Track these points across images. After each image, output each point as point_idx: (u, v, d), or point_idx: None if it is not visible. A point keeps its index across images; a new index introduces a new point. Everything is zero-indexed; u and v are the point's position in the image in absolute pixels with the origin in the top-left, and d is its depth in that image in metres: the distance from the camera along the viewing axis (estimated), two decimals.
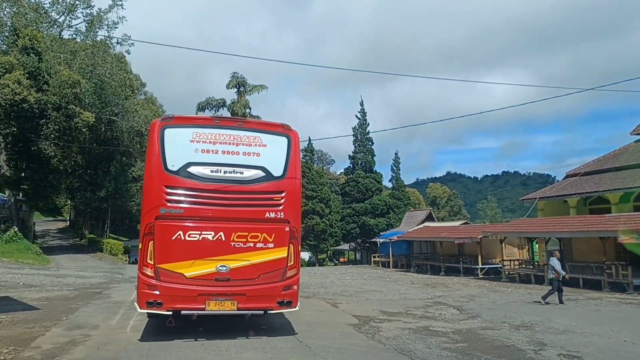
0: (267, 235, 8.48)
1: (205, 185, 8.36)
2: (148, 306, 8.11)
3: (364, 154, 45.53)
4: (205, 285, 8.20)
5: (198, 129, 8.62)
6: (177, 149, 8.41)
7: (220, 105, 50.69)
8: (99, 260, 35.23)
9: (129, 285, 18.89)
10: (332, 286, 20.17)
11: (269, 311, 8.66)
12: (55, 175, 36.81)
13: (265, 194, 8.66)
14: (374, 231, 43.78)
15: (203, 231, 8.29)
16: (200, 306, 8.19)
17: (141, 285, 8.21)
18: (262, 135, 8.87)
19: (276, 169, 8.75)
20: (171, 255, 8.16)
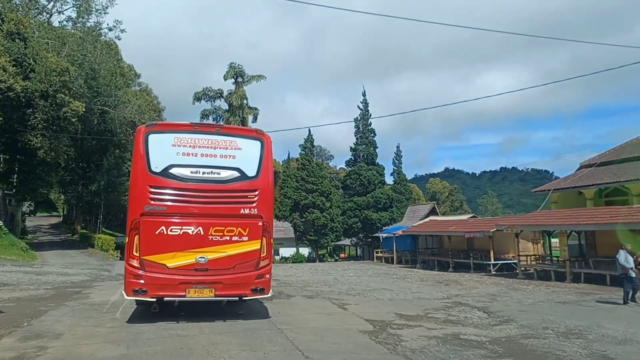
0: (242, 229, 9.31)
1: (186, 185, 9.21)
2: (134, 294, 9.01)
3: (366, 146, 43.79)
4: (185, 274, 9.03)
5: (179, 134, 9.46)
6: (160, 152, 9.24)
7: (217, 96, 49.04)
8: (89, 256, 33.53)
9: (114, 284, 17.22)
10: (336, 284, 18.51)
11: (243, 297, 9.56)
12: (43, 167, 35.06)
13: (240, 192, 9.50)
14: (377, 226, 42.12)
15: (184, 226, 9.12)
16: (181, 293, 9.04)
17: (128, 275, 9.08)
18: (238, 139, 9.73)
19: (250, 170, 9.59)
20: (155, 248, 8.97)
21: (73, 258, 31.94)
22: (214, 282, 9.16)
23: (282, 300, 13.28)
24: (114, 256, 33.99)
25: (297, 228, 45.78)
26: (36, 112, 32.29)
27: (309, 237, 44.63)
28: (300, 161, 48.00)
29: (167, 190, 9.18)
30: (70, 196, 47.79)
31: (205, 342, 7.63)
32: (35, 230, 52.55)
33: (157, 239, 9.00)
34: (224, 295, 9.35)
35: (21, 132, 32.59)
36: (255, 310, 11.21)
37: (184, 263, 9.06)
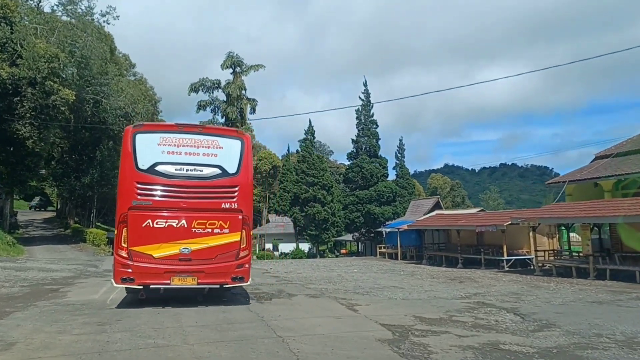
0: (222, 222, 9.91)
1: (171, 181, 9.79)
2: (122, 282, 9.60)
3: (368, 138, 42.18)
4: (170, 264, 9.64)
5: (164, 134, 10.04)
6: (146, 151, 9.80)
7: (214, 87, 47.45)
8: (79, 251, 32.04)
9: (98, 281, 15.74)
10: (341, 281, 17.01)
11: (224, 285, 10.16)
12: (32, 158, 33.51)
13: (221, 188, 10.11)
14: (380, 220, 40.60)
15: (168, 219, 9.70)
16: (166, 281, 9.67)
17: (117, 264, 9.62)
18: (219, 139, 10.32)
19: (231, 167, 10.17)
20: (141, 240, 9.55)
21: (62, 253, 30.46)
22: (197, 271, 9.80)
23: (283, 299, 11.79)
24: (105, 251, 32.50)
25: (297, 223, 44.23)
26: (24, 100, 30.83)
27: (310, 232, 43.12)
28: (300, 154, 46.38)
29: (153, 186, 9.80)
30: (63, 189, 46.29)
31: (188, 356, 6.14)
32: (27, 224, 51.08)
33: (143, 231, 9.60)
34: (206, 283, 9.99)
35: (8, 121, 31.07)
36: (251, 312, 9.72)
37: (169, 253, 9.69)
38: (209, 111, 47.40)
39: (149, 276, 9.65)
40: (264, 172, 77.15)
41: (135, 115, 39.03)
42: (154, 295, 10.41)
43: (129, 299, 11.19)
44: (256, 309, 10.18)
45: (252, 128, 46.53)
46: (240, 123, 46.02)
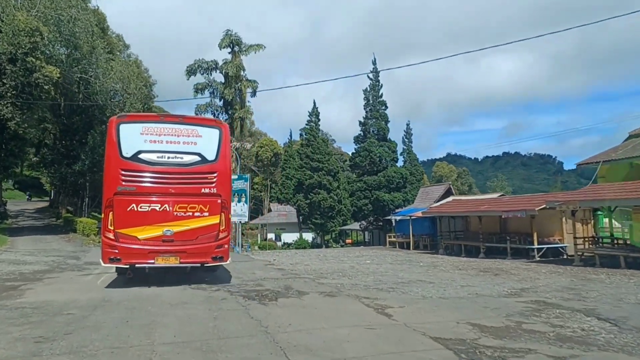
0: (202, 206, 10.59)
1: (153, 168, 10.42)
2: (110, 261, 10.29)
3: (377, 120, 39.52)
4: (154, 245, 10.31)
5: (147, 124, 10.76)
6: (130, 140, 10.40)
7: (211, 68, 44.65)
8: (67, 241, 29.66)
9: (72, 276, 13.38)
10: (356, 274, 14.61)
11: (205, 264, 10.84)
12: (16, 142, 31.10)
13: (201, 174, 10.71)
14: (389, 207, 38.16)
15: (152, 204, 10.35)
16: (150, 261, 10.31)
17: (104, 245, 10.30)
18: (199, 128, 10.99)
19: (210, 155, 10.81)
20: (127, 222, 10.19)
21: (47, 243, 28.09)
22: (179, 251, 10.39)
23: (292, 299, 9.37)
24: (95, 241, 30.08)
25: (301, 211, 41.72)
26: (4, 78, 28.28)
27: (314, 220, 40.66)
28: (304, 137, 43.77)
29: (136, 173, 10.31)
30: (53, 177, 43.84)
31: None
32: (17, 214, 48.66)
33: (128, 215, 10.14)
34: (187, 263, 10.63)
35: None
36: (251, 318, 7.30)
37: (153, 235, 10.26)
38: (208, 94, 44.72)
39: (134, 256, 10.20)
40: (265, 160, 74.71)
41: (128, 97, 36.51)
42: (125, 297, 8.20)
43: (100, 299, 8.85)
44: (258, 313, 7.78)
45: (251, 111, 43.92)
46: (239, 105, 43.40)
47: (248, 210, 35.05)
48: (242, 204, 33.83)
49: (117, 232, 10.14)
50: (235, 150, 42.23)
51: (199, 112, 43.80)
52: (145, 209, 10.27)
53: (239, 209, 33.88)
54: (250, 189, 34.45)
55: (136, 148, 10.38)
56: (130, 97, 36.44)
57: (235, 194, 34.27)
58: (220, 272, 13.98)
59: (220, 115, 44.88)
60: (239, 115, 43.07)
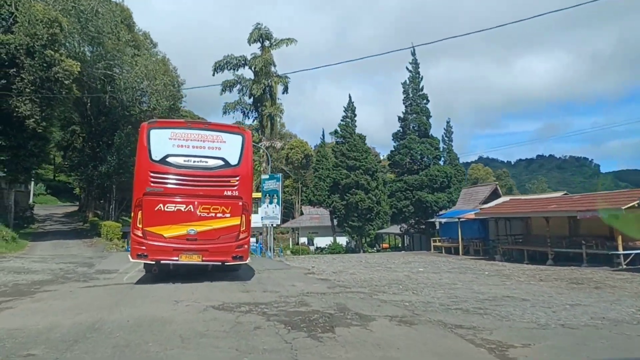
0: (225, 207, 11.04)
1: (180, 170, 10.95)
2: (138, 257, 10.84)
3: (417, 115, 36.38)
4: (178, 243, 10.79)
5: (175, 129, 11.32)
6: (159, 144, 10.98)
7: (240, 64, 42.37)
8: (89, 246, 27.71)
9: (74, 288, 10.98)
10: (420, 288, 11.75)
11: (225, 263, 11.23)
12: (36, 141, 29.27)
13: (224, 177, 11.19)
14: (433, 209, 35.00)
15: (177, 204, 10.85)
16: (174, 258, 10.83)
17: (133, 242, 10.96)
18: (223, 134, 11.49)
19: (233, 159, 11.30)
20: (154, 221, 10.72)
21: (67, 249, 26.17)
22: (202, 249, 10.88)
23: (355, 329, 6.56)
24: (118, 246, 28.06)
25: (336, 213, 38.82)
26: (22, 72, 26.54)
27: (352, 223, 37.72)
28: (339, 134, 40.88)
29: (164, 175, 10.93)
30: (80, 180, 42.38)
31: None
32: (45, 218, 47.66)
33: (156, 214, 10.73)
34: (209, 261, 11.10)
35: (6, 97, 26.91)
36: None
37: (178, 234, 10.80)
38: (236, 91, 42.44)
39: (160, 253, 10.75)
40: (295, 162, 72.34)
41: (153, 93, 34.57)
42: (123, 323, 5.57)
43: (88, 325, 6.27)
44: (312, 358, 5.03)
45: (282, 108, 41.41)
46: (269, 102, 40.97)
47: (280, 212, 32.54)
48: (274, 205, 31.36)
49: (145, 230, 10.72)
50: (266, 150, 39.86)
51: (227, 110, 41.64)
52: (172, 209, 10.81)
53: (271, 210, 31.44)
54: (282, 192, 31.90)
55: (164, 152, 10.95)
56: (156, 94, 34.47)
57: (267, 195, 31.81)
58: (253, 283, 11.37)
59: (249, 113, 42.65)
60: (269, 112, 40.68)
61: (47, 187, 78.90)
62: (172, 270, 11.81)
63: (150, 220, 10.69)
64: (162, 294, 9.61)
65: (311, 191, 50.30)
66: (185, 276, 11.92)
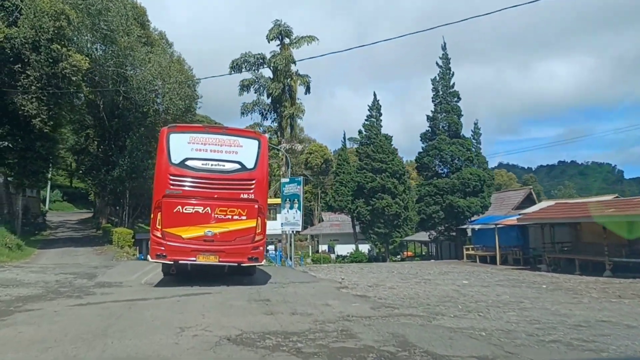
0: (241, 210, 11.27)
1: (198, 174, 11.22)
2: (157, 257, 11.08)
3: (448, 114, 34.02)
4: (196, 244, 11.01)
5: (193, 134, 11.65)
6: (178, 148, 11.29)
7: (259, 63, 40.65)
8: (98, 254, 25.90)
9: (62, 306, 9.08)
10: (482, 308, 9.49)
11: (241, 264, 11.42)
12: (44, 142, 27.68)
13: (240, 181, 11.47)
14: (465, 215, 32.55)
15: (195, 206, 11.10)
16: (192, 258, 11.05)
17: (152, 243, 11.27)
18: (240, 139, 11.78)
19: (249, 163, 11.55)
20: (173, 223, 10.99)
21: (74, 257, 24.39)
22: (218, 250, 11.07)
23: None
24: (129, 254, 26.20)
25: (361, 218, 36.45)
26: (28, 69, 25.00)
27: (377, 229, 35.40)
28: (364, 134, 38.59)
29: (183, 178, 11.16)
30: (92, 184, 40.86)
31: None
32: (59, 225, 46.25)
33: (175, 216, 10.97)
34: (225, 262, 11.26)
35: (10, 95, 25.39)
36: None
37: (195, 235, 11.02)
38: (253, 91, 40.61)
39: (178, 253, 11.01)
40: (314, 167, 70.29)
41: (167, 92, 32.90)
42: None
43: None
44: None
45: (303, 108, 39.45)
46: (289, 102, 39.04)
47: (302, 218, 30.47)
48: (295, 211, 29.33)
49: (164, 231, 10.93)
50: (285, 152, 37.90)
51: (245, 110, 39.87)
52: (190, 210, 11.01)
53: (291, 216, 29.42)
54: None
55: (183, 155, 11.19)
56: (170, 92, 32.76)
57: (287, 200, 29.81)
58: (277, 301, 9.28)
59: (267, 114, 40.77)
60: (289, 113, 38.76)
61: (64, 193, 78.14)
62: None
63: (169, 222, 10.95)
64: (164, 317, 7.59)
65: (332, 196, 48.22)
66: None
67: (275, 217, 48.02)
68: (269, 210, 47.75)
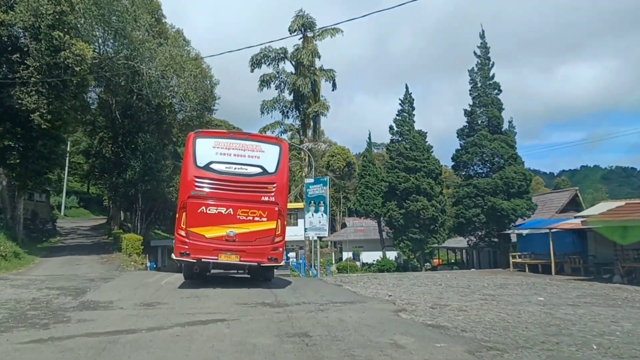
0: (262, 212, 11.64)
1: (221, 176, 11.65)
2: (181, 255, 11.41)
3: (487, 108, 30.79)
4: (218, 243, 11.44)
5: (218, 139, 12.14)
6: (203, 152, 11.76)
7: (280, 58, 37.94)
8: (102, 263, 23.28)
9: (15, 343, 6.12)
10: (629, 349, 6.38)
11: (261, 264, 11.71)
12: (45, 141, 25.27)
13: (262, 184, 11.89)
14: (510, 218, 29.17)
15: (218, 207, 11.52)
16: (214, 257, 11.41)
17: (177, 242, 11.70)
18: (262, 144, 12.31)
19: (270, 168, 11.98)
20: (197, 222, 11.40)
21: (76, 266, 21.85)
22: (240, 250, 11.44)
23: None
24: (137, 262, 23.54)
25: (393, 223, 33.14)
26: (27, 59, 22.64)
27: (412, 235, 32.12)
28: (395, 130, 35.31)
29: (207, 180, 11.58)
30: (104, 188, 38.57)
31: None
32: (70, 232, 44.11)
33: (198, 216, 11.37)
34: (246, 261, 11.58)
35: (9, 88, 23.05)
36: None
37: (218, 235, 11.39)
38: (274, 87, 37.87)
39: (201, 252, 11.31)
40: (337, 170, 67.33)
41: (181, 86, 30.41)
42: None
43: None
44: None
45: (327, 105, 36.59)
46: (312, 99, 36.20)
47: (328, 222, 27.54)
48: (321, 214, 26.42)
49: (188, 230, 11.33)
50: (309, 152, 35.02)
51: (265, 108, 37.12)
52: (213, 211, 11.42)
53: (317, 220, 26.55)
54: None
55: (208, 159, 11.67)
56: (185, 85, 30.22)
57: (311, 202, 26.91)
58: (322, 339, 6.27)
59: (289, 111, 37.96)
60: (313, 110, 35.90)
61: (80, 199, 76.59)
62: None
63: (194, 221, 11.32)
64: None
65: (357, 200, 45.21)
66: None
67: (296, 222, 45.22)
68: (289, 215, 45.74)
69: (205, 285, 12.44)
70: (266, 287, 12.49)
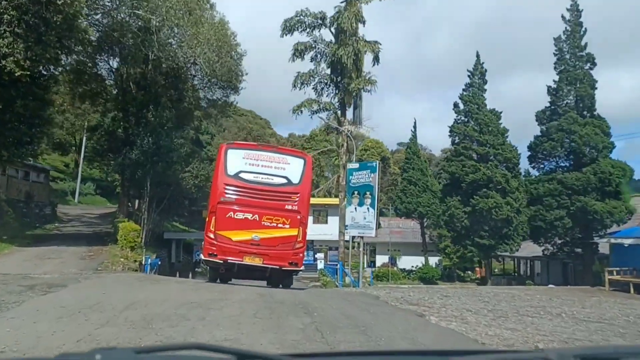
0: (285, 219, 12.46)
1: (249, 185, 12.49)
2: (209, 256, 12.36)
3: (576, 85, 24.52)
4: (244, 246, 12.24)
5: (248, 150, 13.14)
6: (234, 162, 12.70)
7: (317, 25, 32.28)
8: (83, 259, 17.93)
9: None
10: None
11: (282, 268, 12.41)
12: (26, 102, 20.20)
13: (286, 193, 12.68)
14: (605, 223, 22.90)
15: (245, 213, 12.33)
16: (239, 259, 12.18)
17: (206, 243, 12.61)
18: (288, 157, 13.20)
19: (295, 179, 12.82)
20: (225, 226, 12.30)
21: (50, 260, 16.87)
22: (263, 253, 12.26)
23: None
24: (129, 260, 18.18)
25: (455, 224, 26.60)
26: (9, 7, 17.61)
27: (479, 240, 25.71)
28: (463, 108, 28.31)
29: (236, 188, 12.44)
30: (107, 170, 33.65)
31: None
32: (73, 219, 39.57)
33: (227, 220, 12.27)
34: (268, 264, 12.30)
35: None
36: None
37: (243, 238, 12.25)
38: (308, 59, 32.29)
39: (228, 253, 12.14)
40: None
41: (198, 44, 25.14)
42: None
43: None
44: None
45: (372, 80, 30.94)
46: (355, 74, 30.50)
47: (375, 219, 21.92)
48: (366, 208, 20.84)
49: (216, 233, 12.22)
50: (348, 136, 29.36)
51: (299, 81, 31.49)
52: (240, 217, 12.26)
53: (360, 216, 21.06)
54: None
55: (238, 168, 12.54)
56: (202, 44, 24.89)
57: (354, 193, 21.32)
58: None
59: (325, 89, 32.30)
60: (356, 85, 30.20)
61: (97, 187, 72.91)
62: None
63: (222, 225, 12.23)
64: None
65: (398, 198, 39.43)
66: None
67: (325, 219, 40.06)
68: (319, 212, 40.51)
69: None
70: (310, 324, 6.89)
